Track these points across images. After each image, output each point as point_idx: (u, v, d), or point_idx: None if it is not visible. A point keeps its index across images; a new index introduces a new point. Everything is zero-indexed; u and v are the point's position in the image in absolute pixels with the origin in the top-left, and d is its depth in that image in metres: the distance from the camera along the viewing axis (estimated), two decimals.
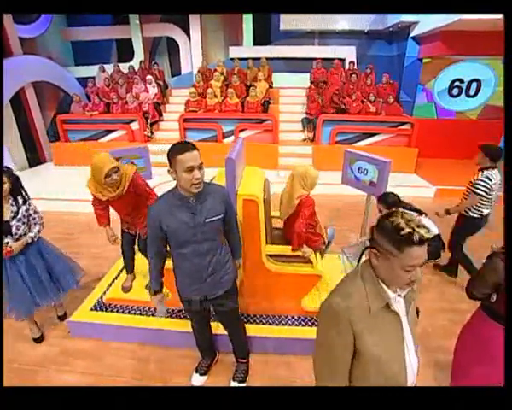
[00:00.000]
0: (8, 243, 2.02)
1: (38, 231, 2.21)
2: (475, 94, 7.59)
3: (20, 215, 2.05)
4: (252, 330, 2.28)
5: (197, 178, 1.40)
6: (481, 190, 2.57)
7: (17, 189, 2.07)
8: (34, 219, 2.18)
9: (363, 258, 1.03)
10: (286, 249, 2.32)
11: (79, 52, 8.84)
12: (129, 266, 2.74)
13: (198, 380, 2.10)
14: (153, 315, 2.49)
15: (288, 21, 8.00)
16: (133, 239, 2.63)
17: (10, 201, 2.03)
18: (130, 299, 2.63)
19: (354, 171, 2.87)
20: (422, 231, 0.81)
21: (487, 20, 5.51)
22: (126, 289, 2.67)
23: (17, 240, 2.07)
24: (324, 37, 8.35)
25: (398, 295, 0.96)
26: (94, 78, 7.74)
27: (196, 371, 2.13)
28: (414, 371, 1.02)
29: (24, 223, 2.09)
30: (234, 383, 2.05)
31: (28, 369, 2.20)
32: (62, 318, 2.63)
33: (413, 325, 1.03)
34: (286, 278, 2.27)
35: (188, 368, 2.18)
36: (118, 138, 6.74)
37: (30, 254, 2.18)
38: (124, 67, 8.02)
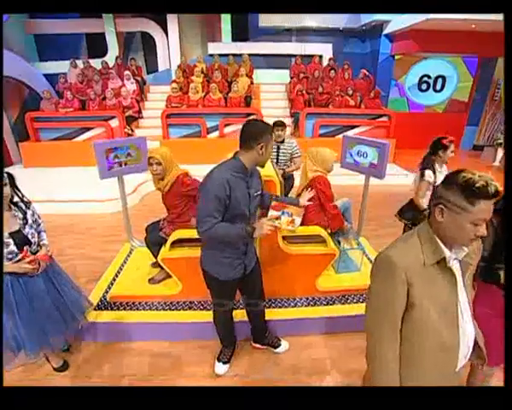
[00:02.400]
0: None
1: None
2: (441, 89, 8.21)
3: (29, 221, 1.72)
4: (269, 314, 2.26)
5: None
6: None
7: (16, 191, 1.74)
8: (39, 224, 1.84)
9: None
10: (298, 230, 2.33)
11: (44, 46, 8.20)
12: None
13: (222, 369, 2.05)
14: (163, 309, 2.40)
15: (267, 18, 8.09)
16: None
17: (12, 207, 1.67)
18: (135, 295, 2.51)
19: (353, 155, 2.97)
20: (496, 184, 0.84)
21: (453, 20, 5.97)
22: (155, 281, 2.58)
23: (36, 251, 1.74)
24: (301, 34, 8.55)
25: (455, 259, 0.96)
26: (64, 74, 7.24)
27: (219, 361, 2.07)
28: (469, 343, 1.00)
29: (35, 229, 1.76)
30: (283, 343, 2.18)
31: (34, 379, 1.99)
32: (61, 369, 2.04)
33: (470, 294, 1.02)
34: (301, 258, 2.29)
35: (207, 359, 2.12)
36: (95, 137, 6.36)
37: (42, 272, 1.78)
38: (95, 62, 7.58)
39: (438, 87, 8.15)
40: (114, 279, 2.73)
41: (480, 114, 8.47)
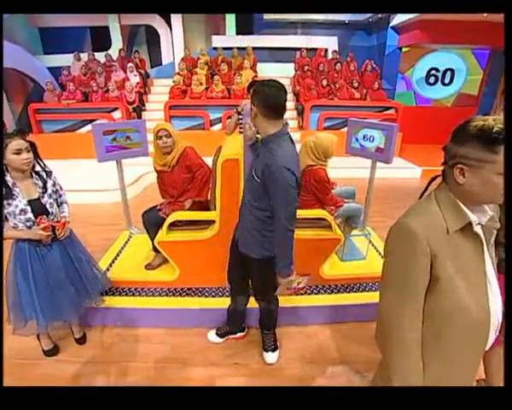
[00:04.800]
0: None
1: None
2: (450, 82, 8.01)
3: (49, 190, 1.67)
4: None
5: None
6: None
7: (38, 160, 1.69)
8: (61, 196, 1.81)
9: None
10: (302, 213, 2.22)
11: (48, 39, 8.22)
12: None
13: (213, 337, 2.06)
14: (160, 295, 2.32)
15: None
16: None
17: (34, 175, 1.64)
18: (132, 280, 2.42)
19: (359, 139, 2.86)
20: None
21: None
22: (151, 267, 2.52)
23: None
24: (306, 27, 8.43)
25: (478, 224, 0.85)
26: (68, 67, 7.24)
27: (216, 333, 2.08)
28: (498, 317, 0.90)
29: (55, 200, 1.72)
30: (267, 354, 1.96)
31: (29, 363, 1.92)
32: (81, 341, 2.08)
33: (495, 263, 0.91)
34: (306, 243, 2.17)
35: (205, 347, 2.03)
36: None
37: (60, 244, 1.77)
38: (99, 55, 7.57)
39: (446, 80, 7.95)
40: (111, 265, 2.66)
41: (489, 108, 8.25)
